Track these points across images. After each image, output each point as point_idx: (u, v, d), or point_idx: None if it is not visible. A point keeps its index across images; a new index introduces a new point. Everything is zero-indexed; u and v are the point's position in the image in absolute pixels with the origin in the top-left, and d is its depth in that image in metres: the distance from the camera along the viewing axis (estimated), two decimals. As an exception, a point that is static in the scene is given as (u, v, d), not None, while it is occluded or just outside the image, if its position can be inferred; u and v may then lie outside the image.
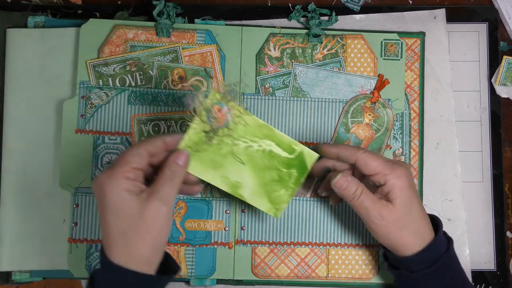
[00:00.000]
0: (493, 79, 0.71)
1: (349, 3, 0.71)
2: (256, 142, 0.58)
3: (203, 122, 0.55)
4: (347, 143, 0.68)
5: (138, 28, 0.68)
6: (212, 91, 0.55)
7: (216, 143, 0.56)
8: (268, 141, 0.58)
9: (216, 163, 0.57)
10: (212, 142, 0.56)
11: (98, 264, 0.66)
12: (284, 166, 0.59)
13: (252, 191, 0.58)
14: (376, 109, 0.69)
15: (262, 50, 0.69)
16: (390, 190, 0.57)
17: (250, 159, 0.58)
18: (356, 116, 0.69)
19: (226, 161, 0.57)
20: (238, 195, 0.58)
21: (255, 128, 0.57)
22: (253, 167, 0.58)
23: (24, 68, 0.68)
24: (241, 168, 0.58)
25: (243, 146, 0.57)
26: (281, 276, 0.68)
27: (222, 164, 0.57)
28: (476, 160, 0.70)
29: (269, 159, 0.58)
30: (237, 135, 0.57)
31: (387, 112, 0.69)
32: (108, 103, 0.67)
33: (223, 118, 0.56)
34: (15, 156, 0.68)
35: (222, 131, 0.56)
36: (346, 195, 0.58)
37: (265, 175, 0.58)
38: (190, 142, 0.56)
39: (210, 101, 0.55)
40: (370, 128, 0.69)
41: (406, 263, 0.58)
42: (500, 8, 0.71)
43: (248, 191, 0.58)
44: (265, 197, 0.59)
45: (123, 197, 0.50)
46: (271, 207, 0.59)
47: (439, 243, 0.58)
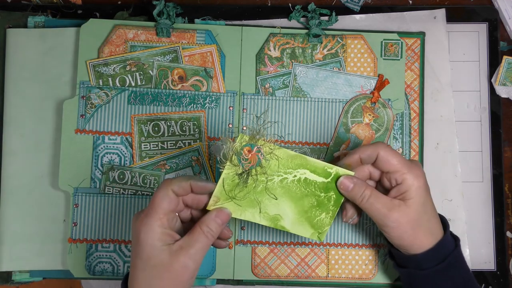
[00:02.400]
0: (493, 79, 0.71)
1: (349, 3, 0.71)
2: (290, 173, 0.57)
3: (235, 166, 0.55)
4: (347, 143, 0.68)
5: (138, 28, 0.68)
6: (240, 134, 0.55)
7: (251, 183, 0.56)
8: (302, 170, 0.57)
9: (253, 201, 0.57)
10: (247, 183, 0.56)
11: (105, 263, 0.66)
12: (322, 190, 0.58)
13: (293, 221, 0.58)
14: (376, 109, 0.69)
15: (262, 50, 0.69)
16: (407, 190, 0.56)
17: (286, 191, 0.57)
18: (356, 116, 0.69)
19: (263, 197, 0.57)
20: (279, 227, 0.58)
21: (287, 160, 0.57)
22: (291, 197, 0.57)
23: (24, 68, 0.68)
24: (278, 200, 0.57)
25: (278, 180, 0.57)
26: (281, 276, 0.68)
27: (259, 201, 0.57)
28: (476, 160, 0.70)
29: (305, 187, 0.57)
30: (271, 170, 0.57)
31: (387, 112, 0.69)
32: (108, 103, 0.67)
33: (254, 158, 0.55)
34: (15, 156, 0.68)
35: (255, 170, 0.56)
36: (354, 196, 0.57)
37: (304, 202, 0.58)
38: (225, 191, 0.55)
39: (239, 144, 0.55)
40: (370, 128, 0.69)
41: (415, 261, 0.58)
42: (500, 8, 0.71)
43: (289, 222, 0.58)
44: (307, 224, 0.58)
45: (154, 247, 0.52)
46: (314, 232, 0.59)
47: (448, 241, 0.58)
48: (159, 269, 0.51)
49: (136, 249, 0.52)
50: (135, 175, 0.67)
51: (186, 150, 0.68)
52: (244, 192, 0.56)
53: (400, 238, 0.57)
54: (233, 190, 0.56)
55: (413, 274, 0.59)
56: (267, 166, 0.56)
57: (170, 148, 0.68)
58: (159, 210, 0.52)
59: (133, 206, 0.67)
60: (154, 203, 0.52)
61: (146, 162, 0.67)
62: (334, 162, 0.59)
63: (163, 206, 0.52)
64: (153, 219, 0.52)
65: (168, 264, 0.51)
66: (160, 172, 0.67)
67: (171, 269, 0.51)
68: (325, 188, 0.58)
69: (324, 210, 0.58)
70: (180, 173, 0.67)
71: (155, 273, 0.52)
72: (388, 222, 0.56)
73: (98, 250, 0.67)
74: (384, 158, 0.57)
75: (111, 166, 0.67)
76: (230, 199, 0.56)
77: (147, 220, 0.52)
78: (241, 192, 0.56)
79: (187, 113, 0.68)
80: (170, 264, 0.51)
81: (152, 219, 0.52)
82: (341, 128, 0.68)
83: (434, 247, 0.57)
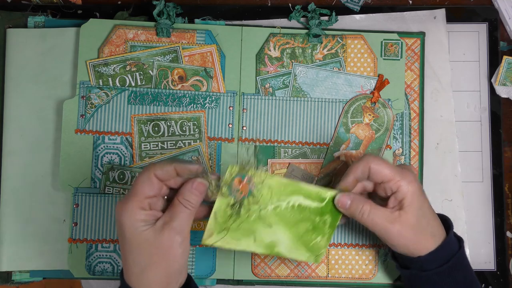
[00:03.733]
0: (493, 79, 0.71)
1: (349, 3, 0.71)
2: (284, 200, 0.57)
3: (226, 197, 0.55)
4: (347, 143, 0.68)
5: (138, 28, 0.68)
6: (229, 166, 0.54)
7: (244, 213, 0.56)
8: (295, 197, 0.57)
9: (247, 230, 0.56)
10: (240, 214, 0.56)
11: (105, 263, 0.66)
12: (317, 215, 0.58)
13: (288, 247, 0.58)
14: (376, 109, 0.69)
15: (262, 50, 0.69)
16: (403, 197, 0.56)
17: (280, 218, 0.57)
18: (356, 116, 0.69)
19: (257, 226, 0.56)
20: (275, 253, 0.57)
21: (279, 188, 0.56)
22: (286, 223, 0.57)
23: (24, 68, 0.68)
24: (273, 228, 0.57)
25: (271, 208, 0.57)
26: (281, 276, 0.68)
27: (253, 230, 0.56)
28: (476, 160, 0.70)
29: (300, 213, 0.57)
30: (263, 199, 0.56)
31: (387, 112, 0.69)
32: (108, 103, 0.67)
33: (245, 188, 0.55)
34: (15, 156, 0.68)
35: (247, 200, 0.55)
36: (353, 212, 0.57)
37: (299, 228, 0.57)
38: (218, 223, 0.55)
39: (230, 175, 0.54)
40: (370, 128, 0.69)
41: (418, 263, 0.58)
42: (500, 8, 0.71)
43: (284, 247, 0.57)
44: (303, 248, 0.58)
45: (137, 229, 0.52)
46: (310, 255, 0.58)
47: (451, 242, 0.58)
48: (145, 247, 0.52)
49: (120, 234, 0.52)
50: (135, 175, 0.67)
51: (186, 150, 0.68)
52: (238, 222, 0.56)
53: (404, 246, 0.57)
54: (227, 222, 0.55)
55: (416, 275, 0.59)
56: (259, 196, 0.56)
57: (170, 148, 0.68)
58: (139, 195, 0.52)
59: (133, 206, 0.67)
60: (135, 188, 0.52)
61: (146, 162, 0.67)
62: (330, 182, 0.59)
63: (143, 191, 0.52)
64: (134, 203, 0.52)
65: (153, 241, 0.51)
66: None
67: (158, 246, 0.52)
68: (320, 212, 0.57)
69: (319, 234, 0.58)
70: (180, 173, 0.67)
71: (143, 252, 0.52)
72: (390, 235, 0.56)
73: (98, 250, 0.67)
74: (376, 170, 0.57)
75: (111, 166, 0.67)
76: (224, 230, 0.55)
77: (127, 205, 0.52)
78: (234, 223, 0.55)
79: (187, 113, 0.68)
80: (156, 241, 0.51)
81: (132, 203, 0.52)
82: (341, 128, 0.68)
83: (437, 248, 0.57)
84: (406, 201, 0.56)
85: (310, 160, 0.68)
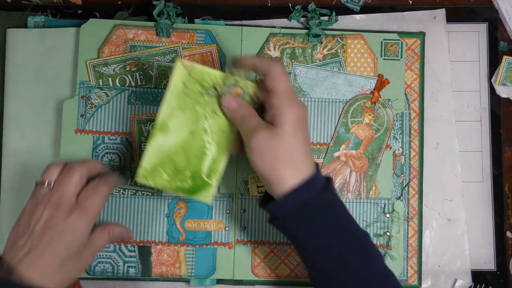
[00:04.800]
0: (493, 79, 0.71)
1: (349, 3, 0.71)
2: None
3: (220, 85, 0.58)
4: (347, 143, 0.68)
5: (138, 28, 0.68)
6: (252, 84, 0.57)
7: (207, 99, 0.58)
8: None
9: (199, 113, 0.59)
10: (204, 97, 0.58)
11: (105, 263, 0.66)
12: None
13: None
14: (376, 109, 0.69)
15: (262, 50, 0.69)
16: (279, 115, 0.54)
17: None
18: (356, 116, 0.69)
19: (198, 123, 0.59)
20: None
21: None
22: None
23: (24, 68, 0.68)
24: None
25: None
26: (281, 276, 0.68)
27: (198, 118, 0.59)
28: (476, 160, 0.70)
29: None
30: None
31: (387, 112, 0.69)
32: (108, 103, 0.67)
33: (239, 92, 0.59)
34: (15, 156, 0.68)
35: (216, 101, 0.58)
36: (234, 115, 0.57)
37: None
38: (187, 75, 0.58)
39: (244, 84, 0.58)
40: (370, 128, 0.69)
41: (278, 207, 0.54)
42: (500, 8, 0.71)
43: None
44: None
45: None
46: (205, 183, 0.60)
47: (313, 184, 0.54)
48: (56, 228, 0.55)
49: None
50: (135, 175, 0.67)
51: (186, 150, 0.68)
52: (197, 101, 0.58)
53: (260, 165, 0.54)
54: (188, 90, 0.58)
55: (279, 224, 0.56)
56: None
57: (170, 148, 0.67)
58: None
59: (133, 206, 0.67)
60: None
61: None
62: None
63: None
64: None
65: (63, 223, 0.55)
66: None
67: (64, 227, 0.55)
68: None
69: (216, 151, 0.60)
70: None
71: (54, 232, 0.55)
72: (251, 142, 0.53)
73: (98, 250, 0.67)
74: (273, 78, 0.55)
75: (110, 167, 0.67)
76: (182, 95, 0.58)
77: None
78: (195, 100, 0.58)
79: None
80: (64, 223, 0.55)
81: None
82: (341, 128, 0.68)
83: (296, 188, 0.53)
84: (279, 120, 0.54)
85: (310, 160, 0.68)
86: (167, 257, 0.67)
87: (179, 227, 0.67)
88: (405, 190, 0.69)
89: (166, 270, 0.67)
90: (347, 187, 0.68)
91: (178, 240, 0.67)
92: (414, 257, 0.68)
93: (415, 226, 0.68)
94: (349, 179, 0.68)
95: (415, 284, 0.68)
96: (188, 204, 0.67)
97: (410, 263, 0.68)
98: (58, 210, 0.54)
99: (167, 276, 0.67)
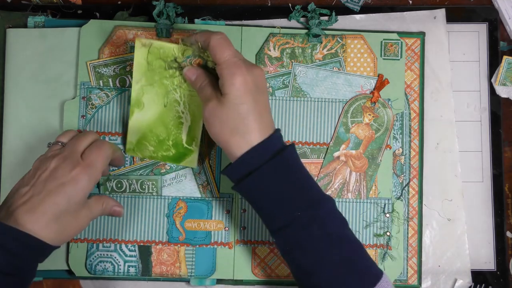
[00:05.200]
0: (493, 79, 0.71)
1: (349, 3, 0.71)
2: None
3: (180, 55, 0.61)
4: (347, 143, 0.68)
5: (138, 29, 0.68)
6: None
7: (171, 72, 0.62)
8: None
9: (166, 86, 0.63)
10: (168, 71, 0.62)
11: (106, 262, 0.66)
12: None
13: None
14: (376, 109, 0.69)
15: (262, 50, 0.69)
16: (223, 84, 0.55)
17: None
18: (356, 116, 0.69)
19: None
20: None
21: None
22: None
23: (24, 68, 0.68)
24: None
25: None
26: (281, 276, 0.68)
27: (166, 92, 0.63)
28: (476, 160, 0.71)
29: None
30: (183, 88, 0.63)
31: (387, 112, 0.69)
32: (108, 104, 0.67)
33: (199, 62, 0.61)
34: (15, 156, 0.68)
35: (179, 73, 0.62)
36: (194, 85, 0.59)
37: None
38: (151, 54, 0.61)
39: (204, 56, 0.59)
40: (370, 128, 0.69)
41: (229, 171, 0.56)
42: (500, 8, 0.71)
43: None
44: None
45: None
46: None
47: (266, 148, 0.55)
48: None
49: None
50: (132, 182, 0.67)
51: (186, 150, 0.68)
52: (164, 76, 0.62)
53: (212, 134, 0.56)
54: (153, 65, 0.62)
55: (237, 187, 0.57)
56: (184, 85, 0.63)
57: (170, 148, 0.68)
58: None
59: (134, 206, 0.67)
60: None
61: (146, 163, 0.67)
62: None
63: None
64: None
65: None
66: (157, 176, 0.67)
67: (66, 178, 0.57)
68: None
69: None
70: (180, 173, 0.67)
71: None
72: (204, 112, 0.56)
73: (99, 249, 0.67)
74: (213, 48, 0.55)
75: (107, 177, 0.67)
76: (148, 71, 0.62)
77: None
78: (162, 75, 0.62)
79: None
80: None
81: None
82: (341, 128, 0.68)
83: (248, 151, 0.54)
84: (224, 89, 0.55)
85: (310, 160, 0.68)
86: (167, 257, 0.67)
87: (179, 227, 0.67)
88: (405, 190, 0.69)
89: (166, 270, 0.67)
90: (347, 187, 0.68)
91: (178, 240, 0.67)
92: (414, 257, 0.68)
93: (415, 226, 0.68)
94: (349, 179, 0.69)
95: (415, 284, 0.68)
96: (188, 204, 0.68)
97: (410, 263, 0.68)
98: (65, 161, 0.57)
99: (167, 276, 0.67)
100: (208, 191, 0.68)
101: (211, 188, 0.68)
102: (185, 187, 0.68)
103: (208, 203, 0.68)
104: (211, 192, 0.68)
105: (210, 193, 0.68)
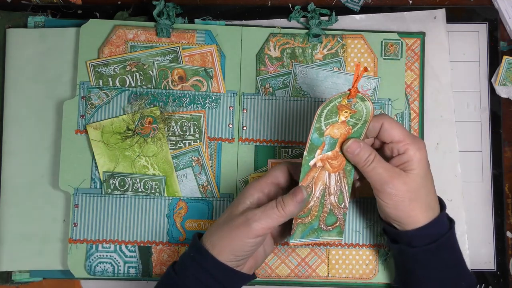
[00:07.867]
0: (493, 79, 0.71)
1: (349, 3, 0.71)
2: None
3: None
4: (322, 146, 0.59)
5: (138, 29, 0.68)
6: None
7: (127, 145, 0.65)
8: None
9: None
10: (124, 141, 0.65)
11: (105, 263, 0.66)
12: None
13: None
14: (354, 105, 0.58)
15: (262, 50, 0.69)
16: (409, 160, 0.56)
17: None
18: (330, 118, 0.58)
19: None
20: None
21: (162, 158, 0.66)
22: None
23: (24, 68, 0.68)
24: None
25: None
26: (281, 276, 0.68)
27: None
28: (476, 160, 0.71)
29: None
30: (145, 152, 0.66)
31: (366, 105, 0.58)
32: (108, 104, 0.67)
33: (148, 129, 0.65)
34: (15, 156, 0.68)
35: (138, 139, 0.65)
36: (359, 160, 0.57)
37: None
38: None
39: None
40: (347, 124, 0.59)
41: (407, 237, 0.58)
42: (500, 8, 0.71)
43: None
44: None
45: (240, 201, 0.57)
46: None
47: (442, 221, 0.58)
48: (229, 221, 0.56)
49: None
50: (135, 181, 0.67)
51: (186, 150, 0.68)
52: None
53: (396, 207, 0.57)
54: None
55: (404, 250, 0.58)
56: (146, 147, 0.67)
57: (170, 148, 0.67)
58: (268, 177, 0.58)
59: (134, 206, 0.67)
60: (268, 172, 0.59)
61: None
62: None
63: (275, 173, 0.58)
64: (260, 182, 0.58)
65: (236, 220, 0.55)
66: (161, 176, 0.67)
67: (235, 227, 0.55)
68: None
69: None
70: (180, 173, 0.67)
71: (227, 222, 0.56)
72: (387, 188, 0.56)
73: (99, 250, 0.67)
74: (388, 129, 0.57)
75: (111, 173, 0.67)
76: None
77: (256, 181, 0.58)
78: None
79: (187, 113, 0.68)
80: (236, 222, 0.55)
81: (259, 182, 0.58)
82: (314, 135, 0.58)
83: (427, 224, 0.57)
84: (410, 164, 0.56)
85: (310, 160, 0.68)
86: (167, 257, 0.67)
87: (179, 227, 0.67)
88: (405, 190, 0.68)
89: (166, 270, 0.67)
90: (328, 190, 0.61)
91: (178, 240, 0.67)
92: (414, 257, 0.68)
93: (415, 226, 0.68)
94: (329, 182, 0.61)
95: (415, 284, 0.68)
96: (188, 205, 0.67)
97: (410, 263, 0.68)
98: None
99: (167, 276, 0.67)
100: (208, 191, 0.68)
101: (211, 188, 0.68)
102: (186, 187, 0.68)
103: (208, 203, 0.68)
104: (211, 192, 0.68)
105: (210, 193, 0.68)
